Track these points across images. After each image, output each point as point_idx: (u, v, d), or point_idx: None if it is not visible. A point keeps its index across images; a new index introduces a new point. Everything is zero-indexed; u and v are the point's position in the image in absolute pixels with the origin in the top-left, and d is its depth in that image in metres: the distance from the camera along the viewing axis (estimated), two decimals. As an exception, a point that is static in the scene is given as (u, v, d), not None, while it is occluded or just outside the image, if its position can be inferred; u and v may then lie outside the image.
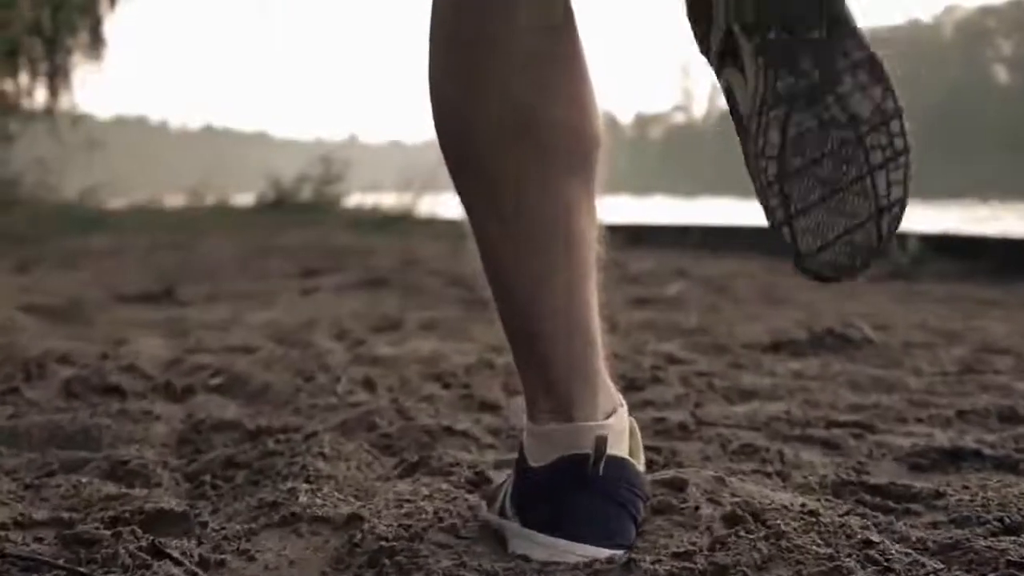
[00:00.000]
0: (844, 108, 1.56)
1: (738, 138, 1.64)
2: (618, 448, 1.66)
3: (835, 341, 3.68)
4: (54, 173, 18.62)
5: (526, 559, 1.60)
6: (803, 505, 1.81)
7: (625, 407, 1.73)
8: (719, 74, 1.67)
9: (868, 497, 1.94)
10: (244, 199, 19.98)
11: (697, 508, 1.75)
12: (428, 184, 16.25)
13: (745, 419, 2.55)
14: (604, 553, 1.58)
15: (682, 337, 4.12)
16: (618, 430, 1.68)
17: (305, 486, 1.87)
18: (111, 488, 1.96)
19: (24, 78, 21.74)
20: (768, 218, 1.59)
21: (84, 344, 3.84)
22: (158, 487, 2.02)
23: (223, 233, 13.23)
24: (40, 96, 21.59)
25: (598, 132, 1.72)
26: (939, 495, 1.93)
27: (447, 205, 15.88)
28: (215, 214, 17.21)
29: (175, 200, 20.73)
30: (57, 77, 21.70)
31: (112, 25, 36.41)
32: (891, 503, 1.91)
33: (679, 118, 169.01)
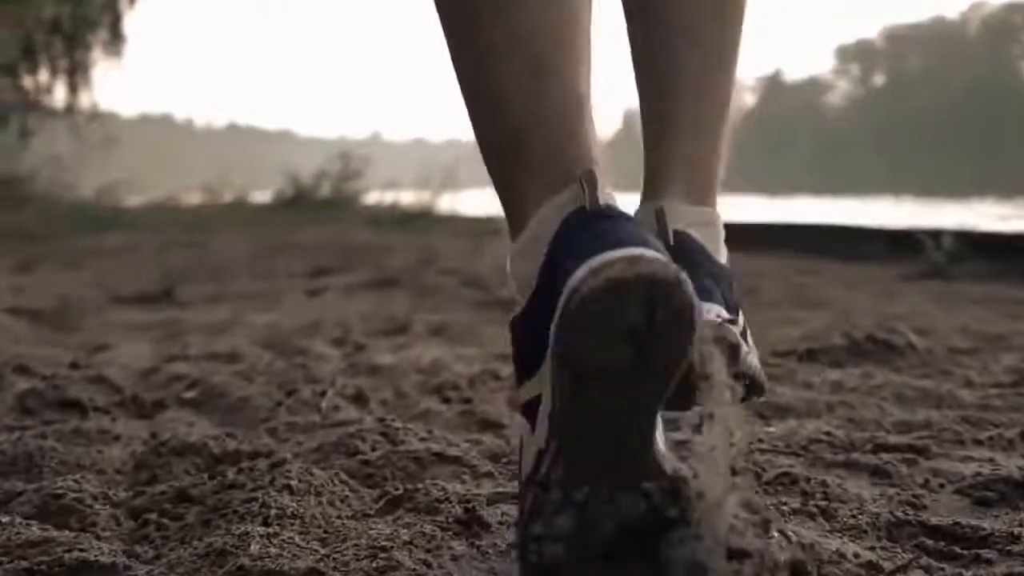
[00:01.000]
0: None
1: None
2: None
3: (876, 348, 3.35)
4: (70, 171, 18.41)
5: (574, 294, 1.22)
6: (856, 555, 1.51)
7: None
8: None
9: (930, 542, 1.63)
10: (263, 196, 19.79)
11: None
12: (448, 181, 16.06)
13: (781, 442, 2.23)
14: (624, 251, 1.23)
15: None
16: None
17: (261, 529, 1.57)
18: (35, 531, 1.64)
19: (44, 75, 21.68)
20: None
21: (59, 351, 3.55)
22: (92, 528, 1.71)
23: (238, 231, 13.00)
24: (60, 93, 21.52)
25: None
26: (1014, 538, 1.63)
27: (467, 202, 15.70)
28: (232, 211, 17.00)
29: (194, 197, 20.57)
30: (76, 74, 21.59)
31: (132, 22, 36.37)
32: (958, 548, 1.60)
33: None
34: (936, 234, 7.72)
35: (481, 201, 17.78)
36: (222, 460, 2.08)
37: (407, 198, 16.32)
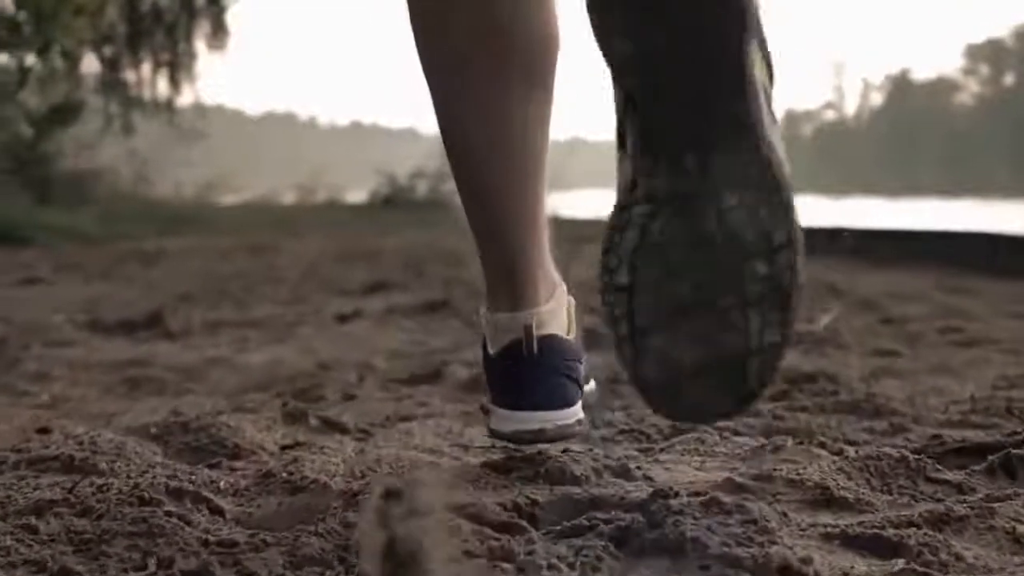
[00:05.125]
0: (722, 225, 1.41)
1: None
2: (552, 326, 1.90)
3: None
4: (155, 167, 17.68)
5: (499, 434, 1.92)
6: None
7: (563, 286, 1.98)
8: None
9: None
10: (360, 196, 19.01)
11: None
12: (553, 180, 14.99)
13: None
14: (555, 415, 1.87)
15: (836, 416, 2.61)
16: (552, 310, 1.91)
17: None
18: None
19: (146, 68, 21.21)
20: (608, 326, 1.50)
21: None
22: None
23: (319, 233, 12.05)
24: (162, 87, 21.14)
25: (559, 35, 1.81)
26: None
27: (572, 203, 14.58)
28: (322, 212, 16.14)
29: (288, 197, 19.87)
30: (178, 67, 21.18)
31: (236, 15, 36.27)
32: None
33: (830, 115, 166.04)
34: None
35: (586, 202, 16.73)
36: None
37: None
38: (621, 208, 1.46)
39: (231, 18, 22.57)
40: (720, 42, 1.38)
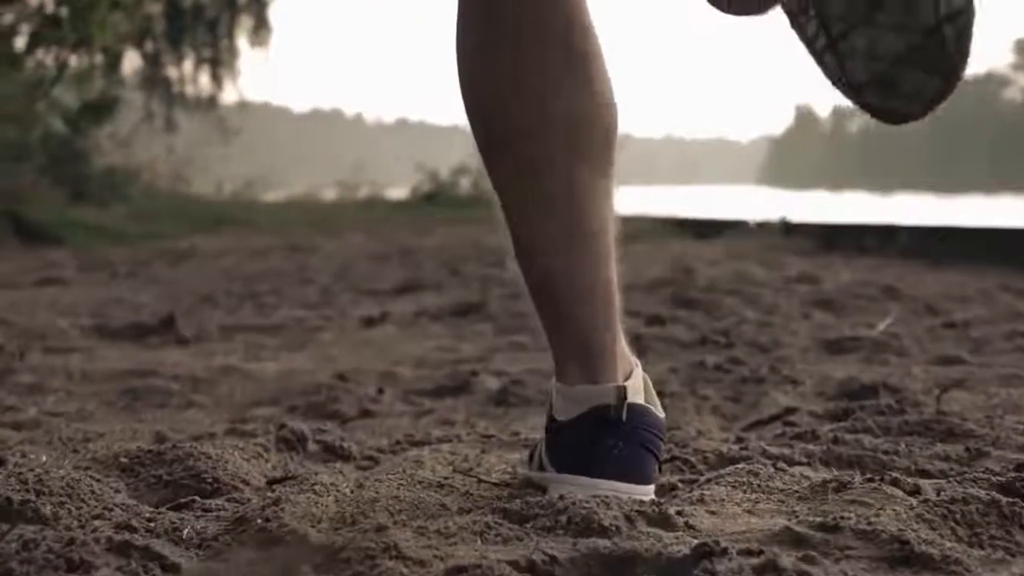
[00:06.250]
0: None
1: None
2: (639, 398, 1.79)
3: None
4: (200, 165, 17.47)
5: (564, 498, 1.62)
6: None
7: (639, 366, 1.86)
8: None
9: None
10: (402, 192, 18.76)
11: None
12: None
13: None
14: (633, 489, 1.72)
15: (904, 439, 2.29)
16: (635, 387, 1.80)
17: None
18: None
19: (188, 65, 21.09)
20: (806, 48, 1.61)
21: None
22: None
23: (360, 230, 11.78)
24: (204, 83, 21.05)
25: (615, 121, 1.78)
26: None
27: (622, 200, 14.28)
28: (363, 209, 15.87)
29: (329, 194, 19.64)
30: (220, 64, 21.06)
31: (282, 12, 36.20)
32: None
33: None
34: None
35: (635, 199, 16.48)
36: None
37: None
38: None
39: (273, 15, 22.32)
40: None
